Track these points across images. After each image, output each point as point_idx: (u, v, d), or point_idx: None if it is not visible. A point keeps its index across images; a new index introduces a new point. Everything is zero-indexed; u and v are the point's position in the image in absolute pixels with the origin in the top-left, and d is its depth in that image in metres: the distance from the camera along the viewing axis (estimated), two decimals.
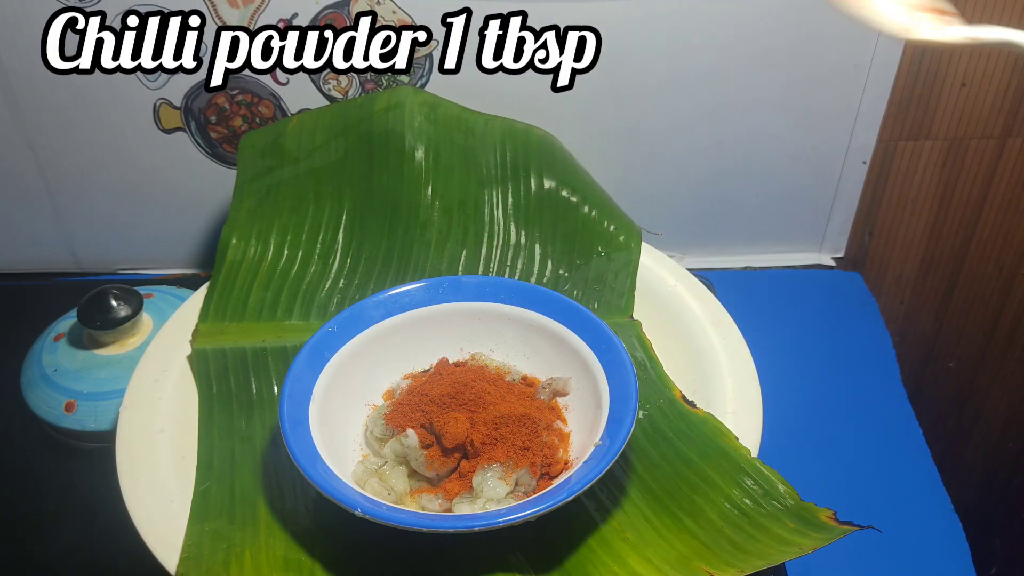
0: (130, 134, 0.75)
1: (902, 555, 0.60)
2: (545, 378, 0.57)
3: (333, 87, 0.74)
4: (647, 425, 0.55)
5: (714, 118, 0.77)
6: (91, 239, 0.82)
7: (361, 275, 0.66)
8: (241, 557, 0.48)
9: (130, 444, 0.54)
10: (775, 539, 0.47)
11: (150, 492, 0.51)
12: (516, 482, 0.50)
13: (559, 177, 0.68)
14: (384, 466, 0.51)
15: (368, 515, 0.44)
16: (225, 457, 0.54)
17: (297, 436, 0.49)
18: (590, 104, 0.76)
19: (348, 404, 0.56)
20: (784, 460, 0.52)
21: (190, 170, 0.78)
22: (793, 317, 0.78)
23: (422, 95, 0.69)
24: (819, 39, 0.73)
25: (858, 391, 0.72)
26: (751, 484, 0.50)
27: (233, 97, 0.74)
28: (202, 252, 0.83)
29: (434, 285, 0.59)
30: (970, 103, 0.79)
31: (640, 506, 0.51)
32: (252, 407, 0.57)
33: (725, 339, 0.61)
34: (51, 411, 0.63)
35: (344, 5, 0.70)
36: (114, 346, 0.65)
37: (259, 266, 0.65)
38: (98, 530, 0.59)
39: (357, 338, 0.56)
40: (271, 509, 0.51)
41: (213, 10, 0.69)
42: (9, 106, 0.73)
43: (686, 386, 0.58)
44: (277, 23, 0.70)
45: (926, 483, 0.65)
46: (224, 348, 0.60)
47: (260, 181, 0.68)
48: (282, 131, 0.69)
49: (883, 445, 0.68)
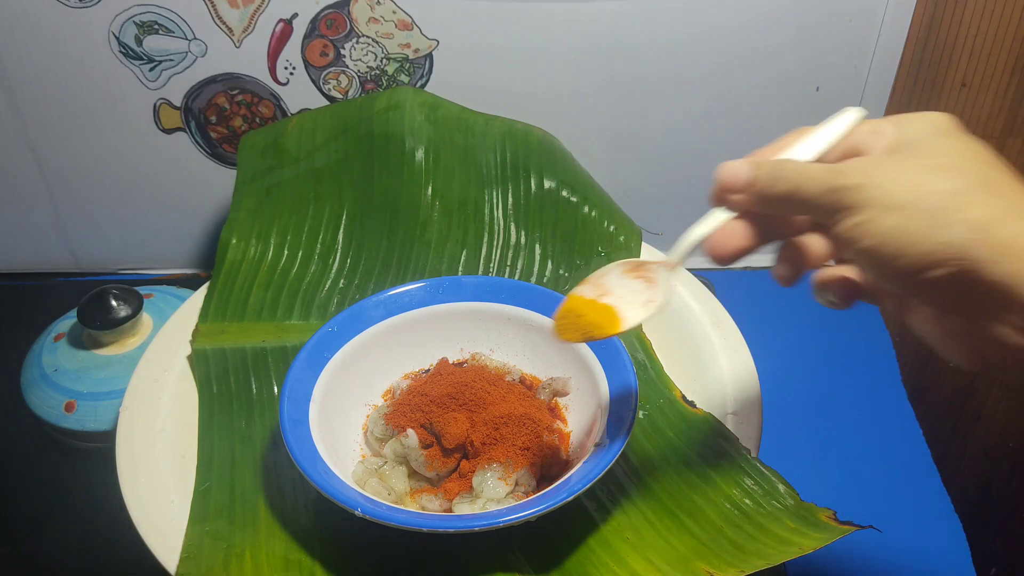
0: (130, 134, 0.75)
1: (902, 555, 0.60)
2: (545, 378, 0.57)
3: (333, 87, 0.74)
4: (647, 425, 0.55)
5: (714, 118, 0.77)
6: (91, 239, 0.82)
7: (361, 275, 0.66)
8: (241, 557, 0.48)
9: (130, 444, 0.54)
10: (775, 539, 0.47)
11: (150, 492, 0.51)
12: (516, 482, 0.50)
13: (559, 177, 0.68)
14: (384, 466, 0.51)
15: (368, 515, 0.44)
16: (225, 457, 0.54)
17: (297, 436, 0.49)
18: (590, 104, 0.76)
19: (348, 404, 0.56)
20: (784, 460, 0.52)
21: (190, 170, 0.78)
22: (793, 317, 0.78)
23: (422, 95, 0.69)
24: (819, 40, 0.73)
25: (858, 391, 0.72)
26: (751, 484, 0.50)
27: (233, 97, 0.74)
28: (202, 252, 0.83)
29: (434, 285, 0.59)
30: (970, 103, 0.79)
31: (640, 506, 0.51)
32: (252, 407, 0.57)
33: (725, 339, 0.61)
34: (51, 411, 0.63)
35: (344, 5, 0.70)
36: (114, 346, 0.65)
37: (259, 266, 0.65)
38: (98, 530, 0.59)
39: (357, 338, 0.56)
40: (271, 509, 0.51)
41: (213, 10, 0.69)
42: (9, 106, 0.73)
43: (686, 386, 0.58)
44: (277, 23, 0.70)
45: (926, 483, 0.65)
46: (224, 348, 0.60)
47: (260, 181, 0.68)
48: (282, 131, 0.69)
49: (883, 445, 0.68)
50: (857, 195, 0.35)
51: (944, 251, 0.33)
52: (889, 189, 0.35)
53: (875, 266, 0.36)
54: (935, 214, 0.33)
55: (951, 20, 0.73)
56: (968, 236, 0.33)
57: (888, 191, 0.34)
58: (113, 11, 0.69)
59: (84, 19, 0.69)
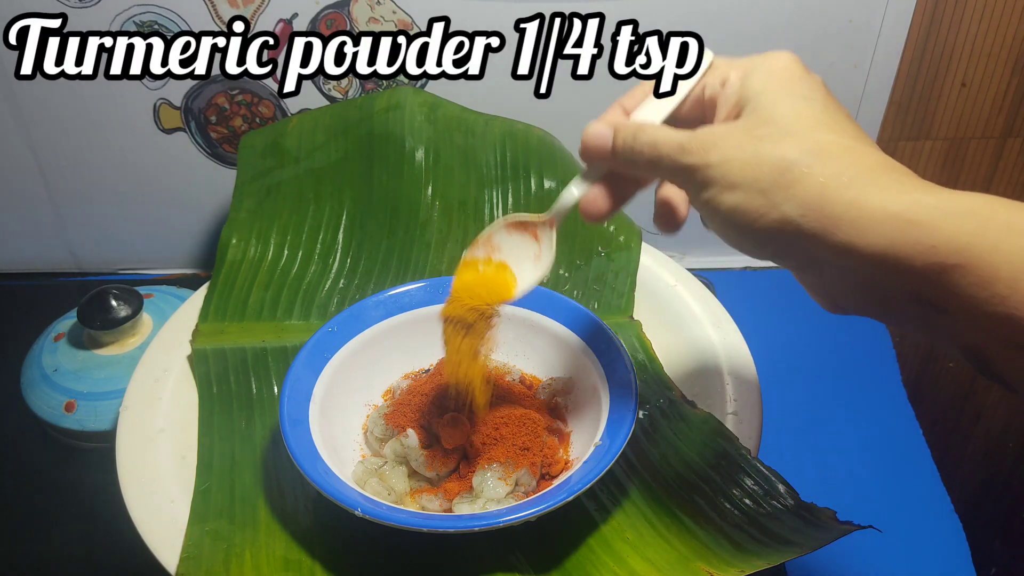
0: (130, 134, 0.75)
1: (902, 555, 0.60)
2: (545, 378, 0.57)
3: (333, 87, 0.74)
4: (647, 425, 0.55)
5: None
6: (91, 239, 0.82)
7: (361, 275, 0.66)
8: (241, 557, 0.48)
9: (130, 444, 0.54)
10: (775, 539, 0.47)
11: (150, 492, 0.51)
12: (516, 482, 0.50)
13: (559, 177, 0.68)
14: (384, 466, 0.51)
15: (368, 515, 0.44)
16: (225, 457, 0.54)
17: (297, 436, 0.49)
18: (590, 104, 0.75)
19: (348, 404, 0.56)
20: (784, 460, 0.52)
21: (190, 170, 0.78)
22: (793, 317, 0.78)
23: (422, 95, 0.69)
24: (819, 40, 0.73)
25: (858, 391, 0.72)
26: (751, 484, 0.50)
27: (233, 97, 0.74)
28: (202, 252, 0.83)
29: (434, 285, 0.59)
30: (970, 103, 0.79)
31: (640, 506, 0.51)
32: (252, 407, 0.57)
33: (725, 339, 0.61)
34: (51, 411, 0.63)
35: (344, 5, 0.70)
36: (114, 346, 0.65)
37: (259, 266, 0.65)
38: (98, 530, 0.59)
39: (357, 338, 0.56)
40: (271, 509, 0.51)
41: (213, 10, 0.69)
42: (9, 106, 0.73)
43: (686, 386, 0.58)
44: (277, 23, 0.70)
45: (926, 483, 0.65)
46: (224, 348, 0.60)
47: (260, 181, 0.68)
48: (282, 131, 0.69)
49: (883, 445, 0.68)
50: (702, 173, 0.37)
51: (783, 227, 0.35)
52: (727, 169, 0.36)
53: (728, 236, 0.38)
54: (767, 192, 0.35)
55: (951, 20, 0.73)
56: (799, 211, 0.34)
57: (727, 171, 0.36)
58: (113, 11, 0.69)
59: (84, 19, 0.69)
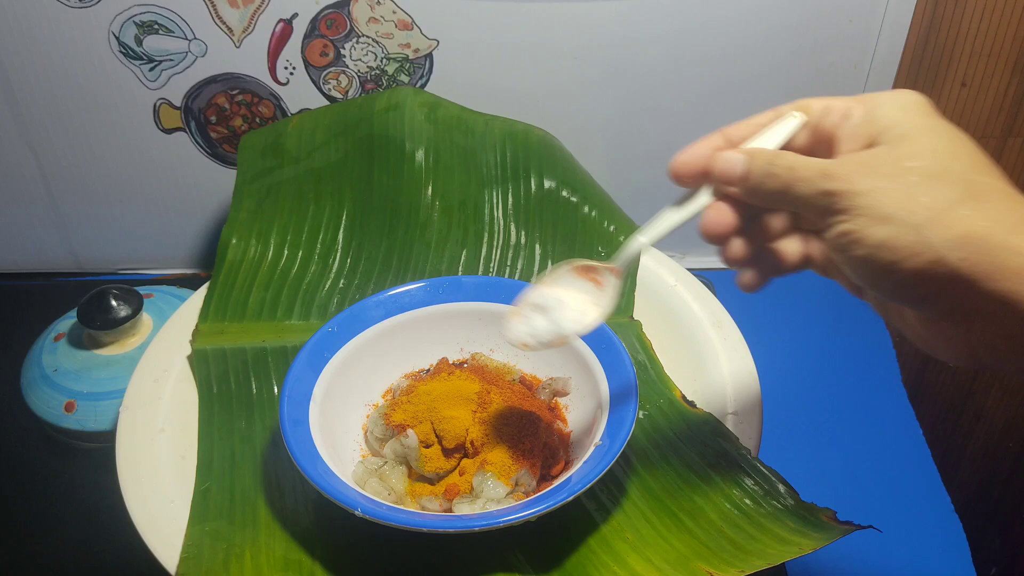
0: (130, 134, 0.75)
1: (902, 555, 0.60)
2: (545, 378, 0.57)
3: (333, 87, 0.74)
4: (647, 425, 0.55)
5: (715, 118, 0.76)
6: (91, 239, 0.82)
7: (361, 275, 0.66)
8: (241, 557, 0.48)
9: (130, 444, 0.54)
10: (775, 539, 0.47)
11: (150, 492, 0.51)
12: (516, 482, 0.50)
13: (559, 177, 0.68)
14: (384, 466, 0.51)
15: (368, 515, 0.44)
16: (225, 457, 0.54)
17: (297, 436, 0.49)
18: (590, 104, 0.76)
19: (348, 404, 0.56)
20: (784, 460, 0.52)
21: (190, 170, 0.78)
22: (793, 317, 0.78)
23: (422, 95, 0.69)
24: (819, 40, 0.73)
25: (858, 391, 0.72)
26: (751, 484, 0.50)
27: (233, 97, 0.74)
28: (202, 252, 0.83)
29: (434, 285, 0.59)
30: (970, 103, 0.79)
31: (640, 506, 0.51)
32: (252, 407, 0.57)
33: (725, 339, 0.61)
34: (51, 411, 0.63)
35: (344, 5, 0.70)
36: (114, 346, 0.65)
37: (259, 266, 0.65)
38: (98, 530, 0.59)
39: (357, 338, 0.56)
40: (271, 509, 0.51)
41: (213, 10, 0.69)
42: (9, 106, 0.73)
43: (686, 386, 0.58)
44: (277, 23, 0.70)
45: (926, 483, 0.65)
46: (224, 348, 0.60)
47: (260, 181, 0.68)
48: (282, 131, 0.69)
49: (883, 445, 0.68)
50: (847, 201, 0.35)
51: (934, 269, 0.33)
52: (877, 199, 0.34)
53: (866, 276, 0.36)
54: (921, 229, 0.33)
55: (951, 20, 0.73)
56: (958, 255, 0.33)
57: (877, 200, 0.34)
58: (113, 11, 0.69)
59: (84, 19, 0.69)
